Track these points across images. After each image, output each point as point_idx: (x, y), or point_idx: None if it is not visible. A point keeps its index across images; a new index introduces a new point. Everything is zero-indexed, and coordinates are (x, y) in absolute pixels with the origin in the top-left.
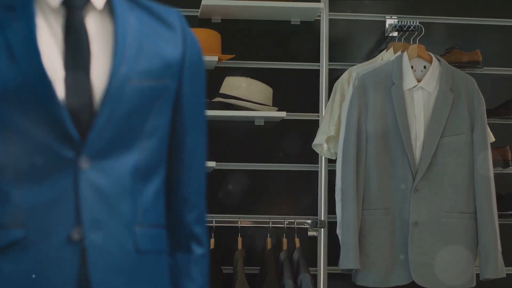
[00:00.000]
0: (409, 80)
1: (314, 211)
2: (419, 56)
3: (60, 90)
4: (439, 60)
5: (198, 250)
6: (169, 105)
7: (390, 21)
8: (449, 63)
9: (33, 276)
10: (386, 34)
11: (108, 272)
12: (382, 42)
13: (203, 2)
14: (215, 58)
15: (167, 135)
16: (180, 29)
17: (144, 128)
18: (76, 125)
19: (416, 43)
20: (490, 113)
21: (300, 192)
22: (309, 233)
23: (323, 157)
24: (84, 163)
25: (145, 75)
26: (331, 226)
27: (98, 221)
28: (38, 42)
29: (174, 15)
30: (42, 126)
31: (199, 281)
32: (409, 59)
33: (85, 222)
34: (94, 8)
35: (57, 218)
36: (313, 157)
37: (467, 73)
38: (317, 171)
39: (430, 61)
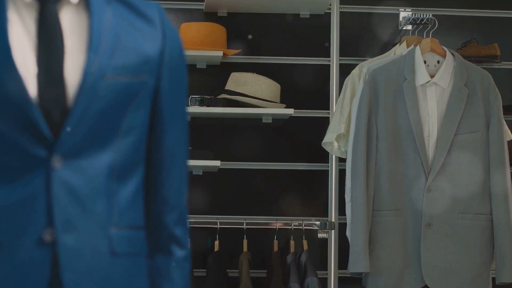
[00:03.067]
0: (421, 76)
1: (324, 212)
2: (432, 50)
3: (32, 86)
4: (453, 55)
5: (179, 252)
6: (148, 102)
7: (404, 13)
8: (466, 57)
9: (4, 278)
10: (399, 28)
11: (81, 275)
12: (395, 35)
13: None
14: (220, 53)
15: (145, 133)
16: (160, 23)
17: (120, 126)
18: (48, 123)
19: (432, 37)
20: (508, 110)
21: (309, 193)
22: (319, 235)
23: (333, 156)
24: (57, 163)
25: (121, 70)
26: (343, 228)
27: (71, 222)
28: (9, 37)
29: (154, 8)
30: (13, 124)
31: (179, 284)
32: (422, 53)
33: (58, 223)
34: (69, 1)
35: (28, 219)
36: (323, 156)
37: (484, 67)
38: (327, 170)
39: (444, 56)
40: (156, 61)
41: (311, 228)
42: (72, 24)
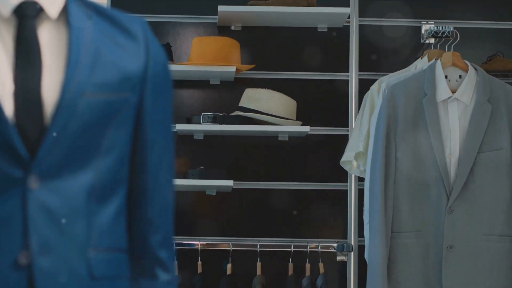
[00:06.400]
0: (443, 91)
1: (344, 234)
2: (454, 65)
3: (8, 105)
4: (475, 69)
5: (163, 276)
6: (130, 119)
7: (427, 26)
8: (491, 71)
9: None
10: (422, 41)
11: None
12: (418, 49)
13: (219, 9)
14: (233, 69)
15: (127, 152)
16: (143, 38)
17: (100, 145)
18: (25, 142)
19: (456, 51)
20: None
21: (328, 214)
22: (338, 258)
23: (353, 175)
24: (34, 183)
25: (101, 87)
26: (363, 250)
27: (48, 244)
28: None
29: (138, 24)
30: None
31: None
32: (443, 67)
33: (34, 245)
34: (48, 17)
35: (3, 241)
36: (342, 175)
37: (511, 82)
38: (347, 190)
39: (466, 70)
40: (139, 78)
41: (328, 250)
42: (51, 40)
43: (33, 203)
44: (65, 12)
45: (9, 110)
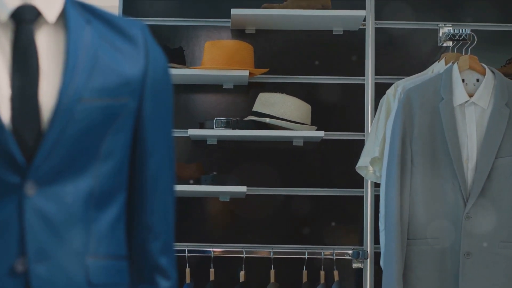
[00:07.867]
0: (459, 95)
1: (360, 241)
2: (471, 68)
3: (4, 110)
4: (493, 72)
5: (164, 283)
6: (129, 124)
7: (444, 29)
8: (510, 75)
9: None
10: (439, 44)
11: None
12: (435, 52)
13: (232, 12)
14: (246, 73)
15: (126, 157)
16: (143, 42)
17: (99, 150)
18: (21, 148)
19: (474, 54)
20: None
21: (344, 220)
22: (354, 265)
23: (369, 181)
24: (30, 189)
25: (99, 92)
26: (379, 257)
27: (45, 251)
28: None
29: (137, 28)
30: None
31: None
32: (460, 71)
33: (30, 252)
34: (46, 21)
35: None
36: (358, 181)
37: None
38: (362, 196)
39: (484, 74)
40: (138, 83)
41: (343, 257)
42: (49, 45)
43: (30, 210)
44: (63, 16)
45: (5, 116)
